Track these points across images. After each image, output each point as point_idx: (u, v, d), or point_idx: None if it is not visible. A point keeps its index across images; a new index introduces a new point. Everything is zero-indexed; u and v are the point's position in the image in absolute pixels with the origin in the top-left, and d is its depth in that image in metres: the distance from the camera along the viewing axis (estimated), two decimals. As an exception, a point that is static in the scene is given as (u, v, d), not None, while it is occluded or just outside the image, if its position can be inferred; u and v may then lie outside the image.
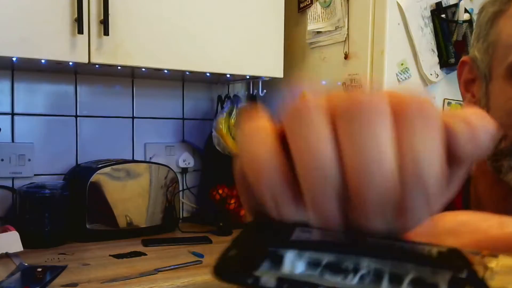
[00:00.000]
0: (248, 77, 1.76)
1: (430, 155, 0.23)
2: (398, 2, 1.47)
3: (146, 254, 1.40)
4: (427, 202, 0.24)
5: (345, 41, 1.58)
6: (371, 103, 0.23)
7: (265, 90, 1.84)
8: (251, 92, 1.88)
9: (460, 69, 0.67)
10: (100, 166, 1.58)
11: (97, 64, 1.39)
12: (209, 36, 1.55)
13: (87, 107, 1.76)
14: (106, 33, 1.36)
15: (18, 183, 1.60)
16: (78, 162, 1.73)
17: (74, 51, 1.34)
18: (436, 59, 1.56)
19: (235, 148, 1.76)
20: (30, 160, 1.64)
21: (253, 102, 1.85)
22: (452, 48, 1.55)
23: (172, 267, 1.26)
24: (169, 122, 1.92)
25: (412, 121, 0.23)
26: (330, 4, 1.62)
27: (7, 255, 1.30)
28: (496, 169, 0.59)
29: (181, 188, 1.88)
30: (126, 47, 1.41)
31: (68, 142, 1.73)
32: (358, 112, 0.22)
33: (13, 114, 1.64)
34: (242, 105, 1.87)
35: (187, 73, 1.66)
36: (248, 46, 1.62)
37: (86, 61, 1.36)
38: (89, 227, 1.54)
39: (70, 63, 1.40)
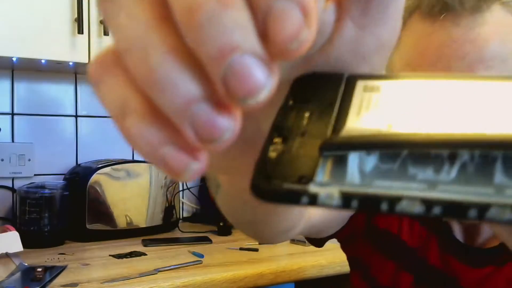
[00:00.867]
0: (248, 77, 1.75)
1: None
2: (398, 2, 1.47)
3: (146, 254, 1.40)
4: None
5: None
6: None
7: (265, 90, 1.84)
8: (251, 92, 1.88)
9: None
10: (100, 166, 1.58)
11: (97, 64, 1.39)
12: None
13: (87, 107, 1.76)
14: (106, 33, 1.36)
15: (18, 183, 1.60)
16: (78, 162, 1.73)
17: (74, 51, 1.34)
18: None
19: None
20: (30, 160, 1.64)
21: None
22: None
23: (172, 267, 1.26)
24: (169, 122, 1.92)
25: None
26: (330, 4, 1.62)
27: (7, 255, 1.30)
28: None
29: (181, 188, 1.88)
30: (126, 47, 1.42)
31: (68, 142, 1.73)
32: None
33: (13, 114, 1.64)
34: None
35: (187, 73, 1.66)
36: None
37: (86, 61, 1.36)
38: (89, 227, 1.54)
39: (70, 63, 1.40)
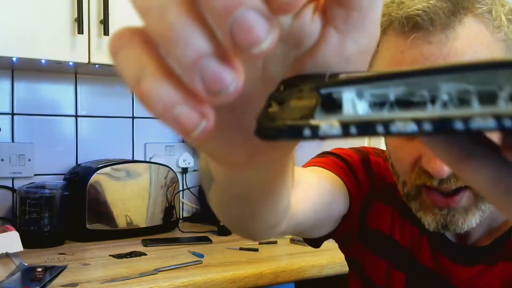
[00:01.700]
0: (248, 77, 1.75)
1: None
2: (398, 2, 1.47)
3: (146, 254, 1.40)
4: None
5: (345, 41, 1.58)
6: None
7: (265, 90, 1.84)
8: (251, 92, 1.88)
9: None
10: (100, 166, 1.58)
11: (97, 64, 1.39)
12: (209, 36, 1.55)
13: (87, 107, 1.76)
14: (106, 33, 1.36)
15: (18, 183, 1.60)
16: (78, 162, 1.73)
17: (74, 51, 1.34)
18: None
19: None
20: (30, 160, 1.64)
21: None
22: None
23: (172, 267, 1.26)
24: (169, 122, 1.92)
25: None
26: (330, 4, 1.62)
27: (7, 255, 1.30)
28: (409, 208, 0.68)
29: (181, 188, 1.88)
30: (126, 47, 1.41)
31: (68, 142, 1.73)
32: None
33: (13, 114, 1.64)
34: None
35: (187, 73, 1.66)
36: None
37: (86, 61, 1.36)
38: (89, 227, 1.54)
39: (70, 63, 1.40)
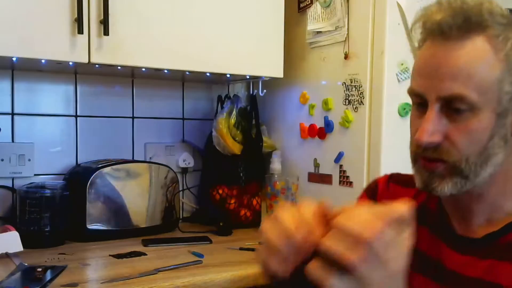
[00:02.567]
0: (248, 77, 1.75)
1: None
2: (398, 2, 1.47)
3: (146, 254, 1.40)
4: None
5: (345, 41, 1.58)
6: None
7: (265, 90, 1.84)
8: (251, 92, 1.88)
9: None
10: (100, 166, 1.58)
11: (97, 64, 1.39)
12: (209, 36, 1.55)
13: (87, 107, 1.76)
14: (106, 33, 1.36)
15: (18, 183, 1.60)
16: (78, 162, 1.73)
17: (74, 51, 1.34)
18: (436, 59, 1.55)
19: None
20: (30, 160, 1.64)
21: (253, 102, 1.85)
22: (452, 48, 1.55)
23: (172, 267, 1.26)
24: (169, 122, 1.92)
25: None
26: (330, 4, 1.62)
27: (7, 255, 1.30)
28: None
29: (181, 188, 1.88)
30: (126, 47, 1.41)
31: (68, 142, 1.73)
32: None
33: (13, 114, 1.64)
34: (242, 105, 1.87)
35: (187, 73, 1.66)
36: (248, 46, 1.62)
37: (86, 61, 1.36)
38: (89, 227, 1.54)
39: (70, 63, 1.40)
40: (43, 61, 1.36)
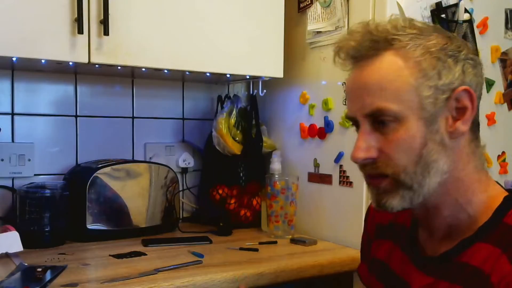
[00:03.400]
0: (248, 77, 1.75)
1: None
2: (398, 2, 1.47)
3: (146, 254, 1.40)
4: None
5: (345, 41, 1.58)
6: None
7: (265, 90, 1.84)
8: (251, 92, 1.88)
9: None
10: (100, 166, 1.58)
11: (97, 64, 1.39)
12: (209, 36, 1.55)
13: (87, 107, 1.76)
14: (106, 33, 1.35)
15: (18, 183, 1.60)
16: (78, 162, 1.73)
17: (74, 51, 1.34)
18: (436, 59, 1.55)
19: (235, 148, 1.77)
20: (30, 160, 1.64)
21: (253, 102, 1.85)
22: (452, 48, 1.55)
23: (172, 267, 1.26)
24: (169, 122, 1.92)
25: None
26: (330, 4, 1.62)
27: (7, 255, 1.30)
28: None
29: (181, 188, 1.88)
30: (126, 47, 1.41)
31: (68, 142, 1.73)
32: None
33: (13, 114, 1.64)
34: (242, 105, 1.87)
35: (187, 73, 1.66)
36: (248, 46, 1.62)
37: (86, 61, 1.36)
38: (89, 227, 1.54)
39: (70, 63, 1.40)
40: (43, 61, 1.36)
